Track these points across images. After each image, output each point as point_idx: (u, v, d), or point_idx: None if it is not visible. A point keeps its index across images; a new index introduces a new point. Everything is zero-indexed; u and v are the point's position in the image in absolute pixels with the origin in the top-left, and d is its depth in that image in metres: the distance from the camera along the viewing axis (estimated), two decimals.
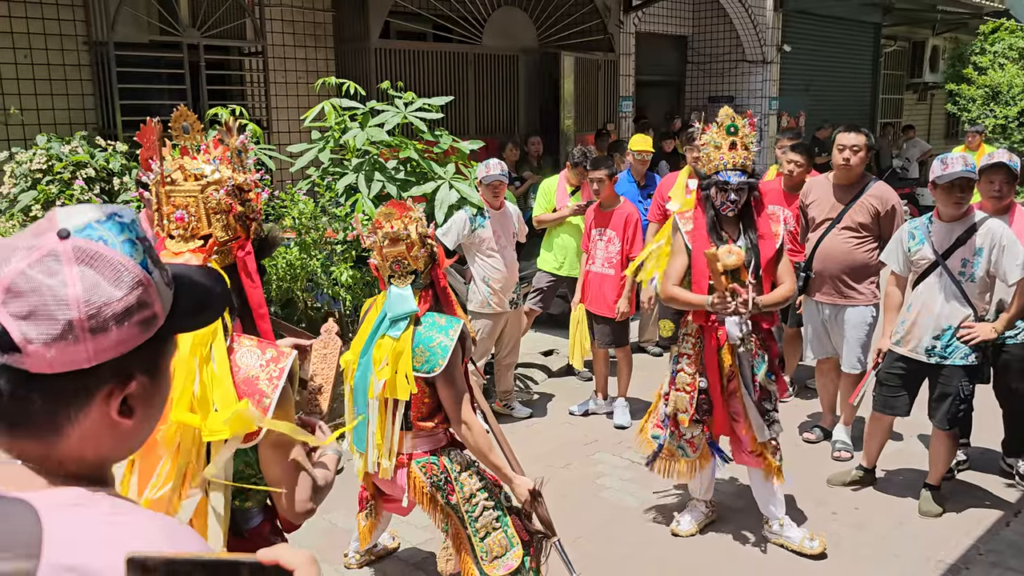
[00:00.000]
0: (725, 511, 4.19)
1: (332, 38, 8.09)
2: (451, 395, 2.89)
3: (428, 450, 3.00)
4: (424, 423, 2.97)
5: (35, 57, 6.30)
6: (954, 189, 3.96)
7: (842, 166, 4.72)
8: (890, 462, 4.69)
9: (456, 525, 3.00)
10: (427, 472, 2.97)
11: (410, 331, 2.89)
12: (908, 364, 4.14)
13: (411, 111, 5.58)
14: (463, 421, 2.88)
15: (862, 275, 4.72)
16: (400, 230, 2.89)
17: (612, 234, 5.40)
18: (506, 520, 3.00)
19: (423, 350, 2.87)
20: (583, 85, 9.85)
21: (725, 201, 3.61)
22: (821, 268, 4.78)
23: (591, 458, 4.98)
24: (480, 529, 2.97)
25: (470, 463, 3.05)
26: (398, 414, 2.94)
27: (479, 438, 2.90)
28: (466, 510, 2.97)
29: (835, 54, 13.93)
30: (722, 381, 3.74)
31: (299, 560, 0.79)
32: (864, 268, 4.71)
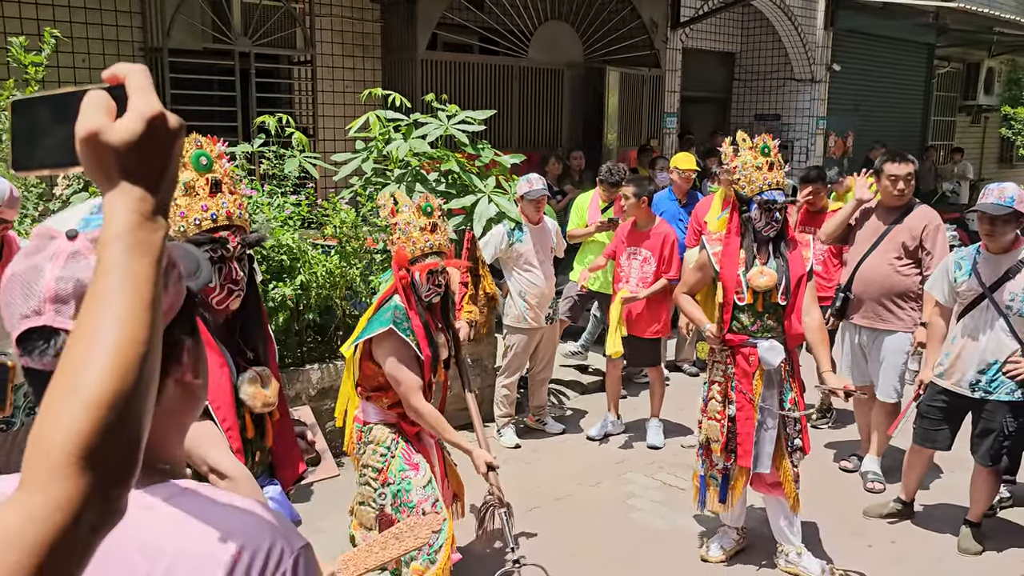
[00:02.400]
0: (756, 538, 4.13)
1: (380, 48, 8.18)
2: (393, 381, 3.11)
3: (374, 420, 3.26)
4: (373, 393, 3.23)
5: (92, 62, 6.47)
6: (983, 221, 3.89)
7: (896, 197, 4.65)
8: (929, 496, 4.58)
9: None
10: (358, 437, 3.32)
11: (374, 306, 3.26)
12: (951, 398, 4.05)
13: (454, 123, 5.62)
14: (412, 407, 3.12)
15: (903, 299, 4.65)
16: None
17: (647, 254, 5.37)
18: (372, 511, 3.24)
19: (368, 324, 3.19)
20: (628, 100, 9.82)
21: (770, 220, 3.61)
22: (861, 290, 4.71)
23: (622, 477, 4.95)
24: (358, 495, 3.30)
25: (387, 448, 3.23)
26: (351, 377, 3.35)
27: (430, 420, 3.13)
28: (359, 473, 3.31)
29: (886, 74, 13.71)
30: (755, 408, 3.70)
31: (129, 68, 0.77)
32: (905, 292, 4.64)
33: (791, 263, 3.67)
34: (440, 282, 3.18)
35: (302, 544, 0.95)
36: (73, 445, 0.67)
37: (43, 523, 0.66)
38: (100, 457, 0.68)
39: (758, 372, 3.66)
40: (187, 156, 2.28)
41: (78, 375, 0.70)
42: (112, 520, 0.72)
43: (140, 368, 0.71)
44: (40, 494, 0.67)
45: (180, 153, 0.80)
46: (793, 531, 3.84)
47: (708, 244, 3.82)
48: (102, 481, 0.69)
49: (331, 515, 4.19)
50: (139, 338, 0.71)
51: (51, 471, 0.67)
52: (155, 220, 0.75)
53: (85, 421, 0.68)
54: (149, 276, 0.73)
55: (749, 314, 3.68)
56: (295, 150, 5.64)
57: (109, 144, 0.73)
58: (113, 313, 0.71)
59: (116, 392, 0.69)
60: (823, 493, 4.69)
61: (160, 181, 0.76)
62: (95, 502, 0.68)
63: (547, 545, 4.08)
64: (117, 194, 0.74)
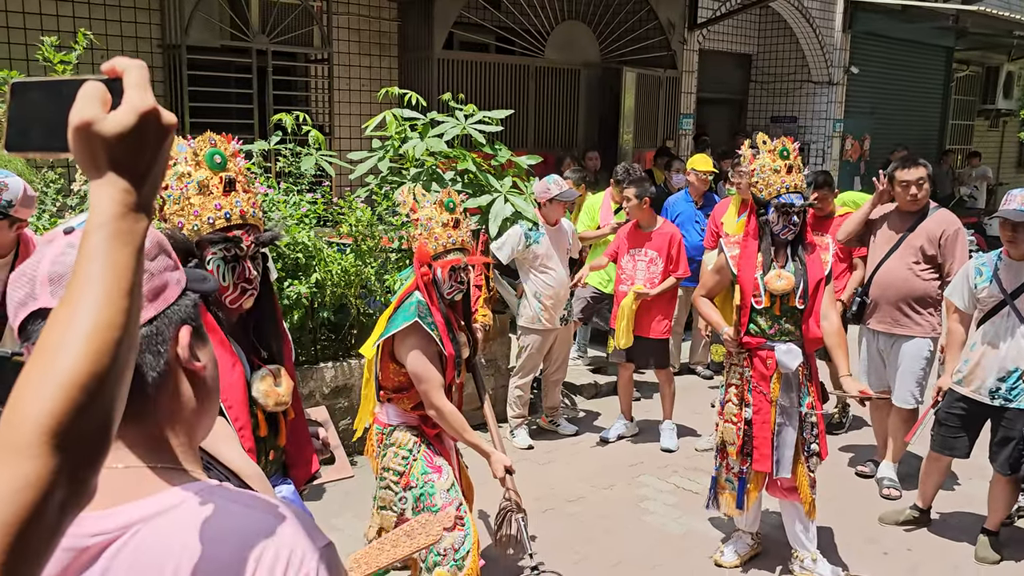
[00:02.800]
0: (771, 544, 4.10)
1: (396, 47, 8.19)
2: (415, 378, 3.05)
3: (395, 423, 3.19)
4: (394, 395, 3.16)
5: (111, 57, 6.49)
6: (1005, 227, 3.85)
7: (910, 202, 4.60)
8: (946, 504, 4.54)
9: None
10: (378, 440, 3.24)
11: (394, 304, 3.20)
12: (970, 405, 4.01)
13: (471, 123, 5.61)
14: (434, 406, 3.05)
15: (921, 304, 4.60)
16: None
17: (653, 254, 5.34)
18: (393, 515, 3.17)
19: (390, 322, 3.12)
20: (644, 101, 9.79)
21: (787, 224, 3.58)
22: (879, 295, 4.67)
23: (635, 480, 4.93)
24: (379, 499, 3.22)
25: (409, 451, 3.16)
26: (371, 379, 3.26)
27: (451, 420, 3.06)
28: (379, 476, 3.23)
29: (904, 77, 13.61)
30: (772, 411, 3.68)
31: (128, 63, 0.79)
32: (924, 297, 4.59)
33: (809, 266, 3.64)
34: (462, 279, 3.13)
35: (325, 543, 0.95)
36: (44, 424, 0.68)
37: (11, 499, 0.67)
38: (71, 437, 0.69)
39: (775, 375, 3.64)
40: (202, 154, 2.28)
41: (54, 356, 0.71)
42: (80, 501, 0.72)
43: (115, 352, 0.72)
44: (9, 470, 0.67)
45: (169, 150, 0.81)
46: (808, 536, 3.81)
47: (726, 247, 3.80)
48: (72, 461, 0.69)
49: (344, 514, 4.20)
50: (115, 323, 0.72)
51: (21, 448, 0.68)
52: (138, 213, 0.77)
53: (57, 401, 0.69)
54: (129, 265, 0.75)
55: (767, 317, 3.66)
56: (311, 148, 5.65)
57: (100, 134, 0.75)
58: (91, 298, 0.72)
59: (90, 374, 0.70)
60: (839, 499, 4.65)
61: (147, 175, 0.78)
62: (64, 482, 0.69)
63: (559, 547, 4.06)
64: (103, 184, 0.76)
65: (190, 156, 2.25)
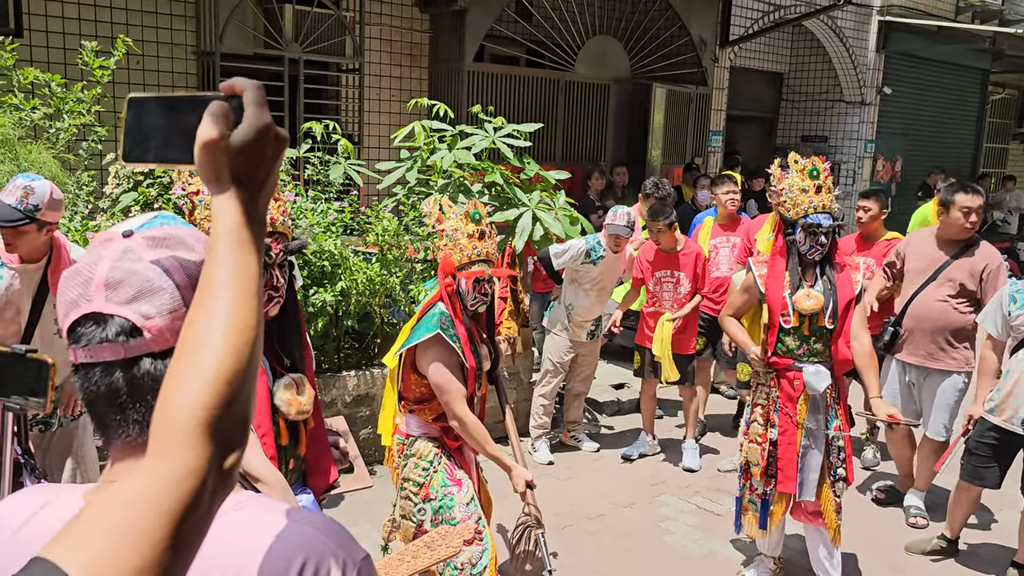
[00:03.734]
0: (793, 569, 4.03)
1: (427, 58, 8.23)
2: (437, 389, 3.01)
3: (417, 433, 3.15)
4: (416, 406, 3.13)
5: (146, 64, 6.59)
6: None
7: (967, 230, 4.43)
8: (975, 535, 4.44)
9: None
10: (399, 451, 3.21)
11: (417, 315, 3.19)
12: (1001, 435, 3.92)
13: (500, 136, 5.61)
14: (455, 416, 3.00)
15: (957, 338, 4.45)
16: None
17: (680, 275, 5.29)
18: (412, 525, 3.13)
19: (412, 332, 3.10)
20: (673, 117, 9.76)
21: (814, 244, 3.54)
22: (913, 326, 4.52)
23: (656, 499, 4.87)
24: (399, 508, 3.17)
25: (430, 462, 3.12)
26: (393, 389, 3.22)
27: (473, 431, 3.02)
28: (400, 487, 3.18)
29: (938, 99, 13.46)
30: (799, 433, 3.62)
31: (246, 83, 0.84)
32: (960, 331, 4.44)
33: (839, 287, 3.59)
34: (487, 291, 3.09)
35: (363, 556, 0.96)
36: (199, 416, 0.74)
37: (177, 487, 0.72)
38: (221, 427, 0.75)
39: (803, 396, 3.58)
40: None
41: (199, 354, 0.77)
42: (227, 488, 0.77)
43: (251, 350, 0.79)
44: (172, 460, 0.73)
45: (280, 165, 0.87)
46: (832, 563, 3.74)
47: (754, 266, 3.76)
48: (221, 450, 0.75)
49: (361, 523, 4.18)
50: (250, 323, 0.79)
51: (180, 439, 0.73)
52: (257, 223, 0.84)
53: (208, 395, 0.75)
54: (255, 269, 0.82)
55: (795, 337, 3.61)
56: (340, 157, 5.68)
57: (226, 150, 0.82)
58: (225, 299, 0.79)
59: (233, 370, 0.77)
60: (864, 525, 4.57)
61: (263, 187, 0.85)
62: (215, 470, 0.75)
63: (577, 566, 4.02)
64: (228, 196, 0.83)
65: None
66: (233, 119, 0.83)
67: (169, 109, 0.86)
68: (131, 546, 0.69)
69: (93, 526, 0.70)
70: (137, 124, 0.86)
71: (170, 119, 0.85)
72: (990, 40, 11.85)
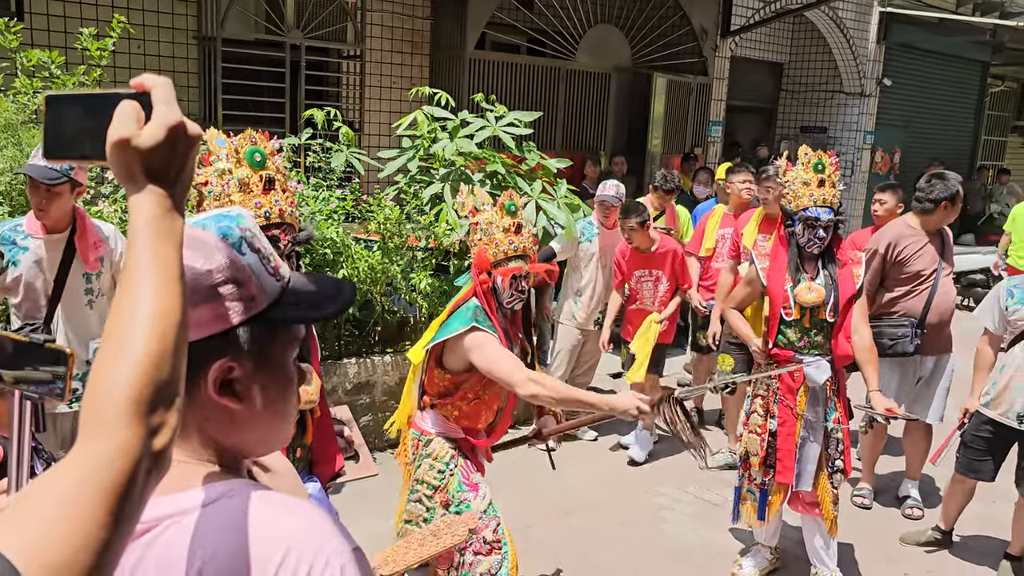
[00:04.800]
0: (790, 559, 4.08)
1: (428, 45, 8.20)
2: (488, 365, 2.74)
3: (434, 432, 2.98)
4: (439, 400, 2.96)
5: (147, 48, 6.56)
6: None
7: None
8: (969, 526, 4.48)
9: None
10: (414, 447, 3.02)
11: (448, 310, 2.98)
12: (996, 428, 3.96)
13: (501, 125, 5.61)
14: (527, 380, 2.68)
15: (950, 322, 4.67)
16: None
17: (659, 274, 5.25)
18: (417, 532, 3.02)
19: (443, 327, 2.90)
20: (673, 107, 9.75)
21: (813, 238, 3.56)
22: (937, 321, 4.50)
23: (654, 489, 4.91)
24: (406, 513, 3.01)
25: (446, 464, 2.95)
26: (415, 382, 3.05)
27: (555, 385, 2.76)
28: (410, 488, 3.02)
29: (937, 91, 13.46)
30: (798, 425, 3.65)
31: (155, 80, 0.86)
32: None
33: (840, 280, 3.61)
34: (523, 288, 2.92)
35: (352, 547, 0.96)
36: (128, 396, 0.77)
37: (110, 467, 0.74)
38: (150, 408, 0.77)
39: (803, 388, 3.62)
40: (242, 152, 2.30)
41: (125, 338, 0.79)
42: (161, 467, 0.80)
43: (176, 332, 0.81)
44: (104, 442, 0.75)
45: (195, 157, 0.89)
46: (829, 553, 3.78)
47: (756, 259, 3.79)
48: (152, 430, 0.77)
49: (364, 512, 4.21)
50: (173, 307, 0.82)
51: (110, 420, 0.76)
52: (174, 213, 0.86)
53: (136, 375, 0.77)
54: (174, 258, 0.84)
55: (796, 330, 3.64)
56: (342, 144, 5.68)
57: (136, 149, 0.83)
58: (148, 287, 0.81)
59: (159, 352, 0.79)
60: (860, 516, 4.62)
61: (178, 181, 0.86)
62: (147, 450, 0.77)
63: (576, 553, 4.06)
64: (142, 192, 0.85)
65: (231, 153, 2.27)
66: (146, 117, 0.85)
67: (85, 107, 0.87)
68: (68, 526, 0.71)
69: (30, 508, 0.72)
70: (57, 122, 0.88)
71: (87, 117, 0.87)
72: (990, 32, 11.83)
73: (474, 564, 2.84)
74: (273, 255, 1.06)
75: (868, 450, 4.86)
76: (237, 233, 1.02)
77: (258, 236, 1.05)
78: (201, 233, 1.00)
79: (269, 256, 1.05)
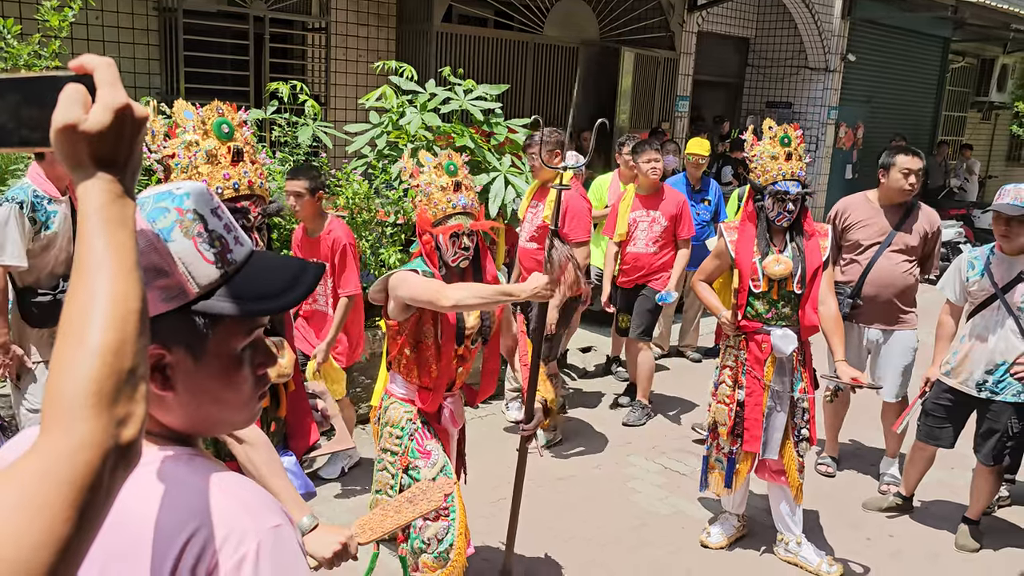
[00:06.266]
0: (756, 526, 4.16)
1: (395, 18, 8.11)
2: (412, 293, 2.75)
3: (397, 396, 3.02)
4: (393, 358, 2.99)
5: (106, 19, 6.40)
6: (999, 222, 3.87)
7: (907, 191, 4.51)
8: (929, 492, 4.61)
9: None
10: (378, 414, 3.08)
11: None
12: (956, 396, 4.06)
13: (470, 99, 5.57)
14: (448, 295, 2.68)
15: (911, 299, 4.60)
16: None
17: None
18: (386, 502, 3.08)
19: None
20: (641, 82, 9.76)
21: (782, 211, 3.61)
22: (875, 293, 4.57)
23: (624, 460, 4.98)
24: (376, 482, 3.05)
25: (402, 430, 2.98)
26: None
27: (474, 289, 2.79)
28: (377, 457, 3.07)
29: (900, 67, 13.62)
30: (765, 395, 3.72)
31: (98, 61, 0.83)
32: (912, 291, 4.59)
33: (808, 253, 3.66)
34: (467, 245, 2.90)
35: (272, 525, 0.94)
36: (89, 389, 0.74)
37: (71, 460, 0.72)
38: (111, 398, 0.75)
39: (770, 359, 3.68)
40: (209, 123, 2.27)
41: (82, 328, 0.76)
42: (130, 461, 0.77)
43: (136, 319, 0.79)
44: (64, 435, 0.73)
45: (144, 140, 0.86)
46: (794, 520, 3.87)
47: (725, 232, 3.83)
48: (115, 421, 0.75)
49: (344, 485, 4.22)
50: (131, 293, 0.79)
51: (71, 412, 0.73)
52: (125, 198, 0.83)
53: (95, 367, 0.75)
54: (129, 243, 0.81)
55: (764, 302, 3.69)
56: (308, 118, 5.60)
57: (83, 134, 0.80)
58: (104, 275, 0.78)
59: (118, 341, 0.76)
60: (825, 484, 4.72)
61: (127, 165, 0.84)
62: (112, 442, 0.74)
63: (547, 526, 4.10)
64: (91, 179, 0.81)
65: (198, 125, 2.24)
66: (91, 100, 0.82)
67: (26, 91, 0.83)
68: (28, 521, 0.68)
69: None
70: None
71: (27, 102, 0.83)
72: (952, 8, 11.97)
73: (422, 528, 2.90)
74: (224, 237, 1.01)
75: (831, 419, 4.95)
76: (172, 216, 0.98)
77: (205, 217, 1.00)
78: None
79: (214, 240, 1.00)
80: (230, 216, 1.05)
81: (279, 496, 2.05)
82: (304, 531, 1.98)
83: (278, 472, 2.07)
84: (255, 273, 1.03)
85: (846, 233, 4.69)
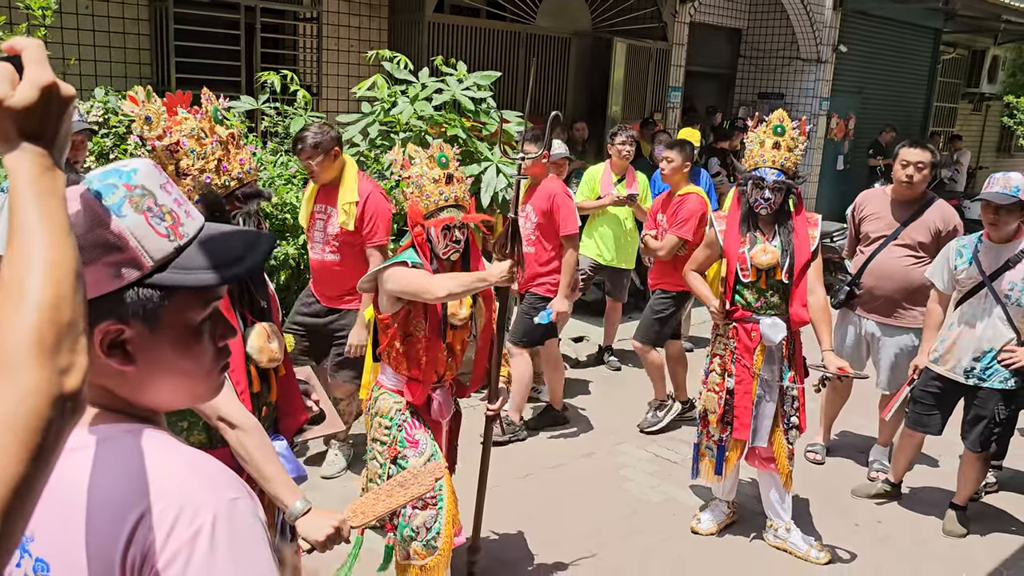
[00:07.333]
0: (746, 513, 4.20)
1: (387, 8, 8.09)
2: (402, 285, 2.82)
3: (386, 387, 3.05)
4: (383, 350, 3.01)
5: (96, 9, 6.38)
6: (987, 210, 3.90)
7: (904, 183, 4.50)
8: (917, 479, 4.65)
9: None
10: (368, 404, 3.11)
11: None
12: (944, 383, 4.10)
13: (462, 88, 5.57)
14: (438, 285, 2.77)
15: (916, 298, 4.50)
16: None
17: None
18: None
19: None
20: (633, 73, 9.76)
21: (759, 198, 3.62)
22: (873, 285, 4.57)
23: (615, 448, 5.00)
24: (367, 470, 3.10)
25: (391, 420, 3.00)
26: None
27: (459, 278, 2.83)
28: (367, 447, 3.11)
29: (891, 58, 13.64)
30: (754, 383, 3.75)
31: (27, 42, 0.87)
32: (919, 290, 4.46)
33: (796, 242, 3.69)
34: (458, 238, 2.93)
35: (229, 498, 0.95)
36: (29, 339, 0.78)
37: (21, 405, 0.76)
38: (53, 348, 0.79)
39: (759, 348, 3.71)
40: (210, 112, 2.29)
41: (23, 287, 0.80)
42: (75, 408, 0.81)
43: (72, 279, 0.82)
44: (12, 384, 0.77)
45: (71, 116, 0.89)
46: (784, 507, 3.91)
47: (716, 221, 3.85)
48: (59, 369, 0.79)
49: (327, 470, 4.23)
50: (67, 256, 0.83)
51: (16, 364, 0.77)
52: (55, 170, 0.86)
53: (37, 320, 0.79)
54: (61, 213, 0.85)
55: (753, 291, 3.72)
56: (299, 108, 5.60)
57: (10, 109, 0.84)
58: (40, 239, 0.82)
59: (58, 296, 0.80)
60: (814, 471, 4.76)
61: (55, 140, 0.87)
62: (57, 390, 0.78)
63: (539, 514, 4.13)
64: (20, 152, 0.85)
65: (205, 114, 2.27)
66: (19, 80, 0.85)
67: None
68: None
69: None
70: None
71: None
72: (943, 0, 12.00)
73: (412, 517, 2.92)
74: (175, 211, 1.02)
75: (828, 409, 4.98)
76: (121, 192, 0.99)
77: (154, 192, 1.01)
78: (81, 192, 0.98)
79: (164, 214, 1.01)
80: (179, 191, 1.07)
81: (272, 481, 2.06)
82: (297, 515, 2.00)
83: (271, 457, 2.09)
84: (209, 244, 1.05)
85: (861, 225, 4.74)
